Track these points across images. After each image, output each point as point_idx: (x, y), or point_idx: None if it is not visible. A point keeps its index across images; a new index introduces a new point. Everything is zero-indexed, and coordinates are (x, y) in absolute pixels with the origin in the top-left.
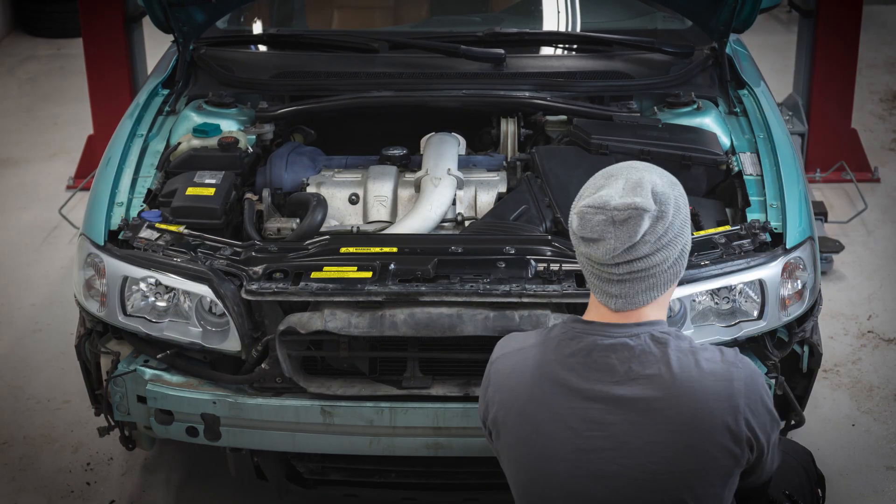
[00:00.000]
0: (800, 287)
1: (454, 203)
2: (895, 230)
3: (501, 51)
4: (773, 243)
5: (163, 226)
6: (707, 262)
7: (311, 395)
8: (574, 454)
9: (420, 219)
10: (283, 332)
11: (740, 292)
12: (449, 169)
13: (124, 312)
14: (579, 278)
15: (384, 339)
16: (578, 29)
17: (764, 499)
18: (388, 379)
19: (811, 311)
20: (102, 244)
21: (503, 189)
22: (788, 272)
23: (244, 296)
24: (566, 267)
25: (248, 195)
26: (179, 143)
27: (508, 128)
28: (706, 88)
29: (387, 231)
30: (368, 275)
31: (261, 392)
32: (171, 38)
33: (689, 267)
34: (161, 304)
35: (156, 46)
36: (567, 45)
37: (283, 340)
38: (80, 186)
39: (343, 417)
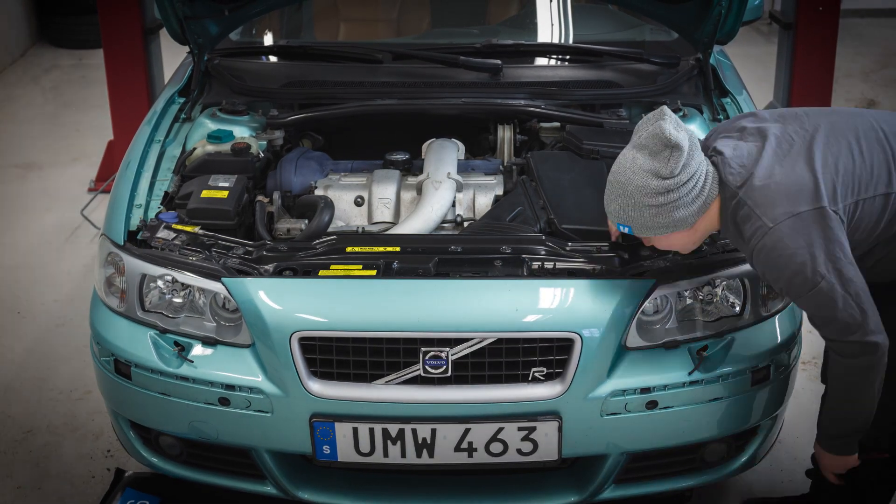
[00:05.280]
0: None
1: (454, 205)
2: None
3: (498, 61)
4: None
5: (179, 226)
6: (692, 261)
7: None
8: None
9: (421, 220)
10: None
11: (723, 289)
12: (449, 173)
13: (143, 308)
14: (570, 275)
15: None
16: (571, 41)
17: None
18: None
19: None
20: (122, 244)
21: (500, 192)
22: None
23: None
24: (559, 265)
25: (260, 198)
26: (195, 149)
27: (505, 134)
28: (691, 97)
29: (390, 231)
30: (373, 273)
31: None
32: (186, 49)
33: (675, 265)
34: (177, 300)
35: (172, 57)
36: (560, 56)
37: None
38: (100, 189)
39: None
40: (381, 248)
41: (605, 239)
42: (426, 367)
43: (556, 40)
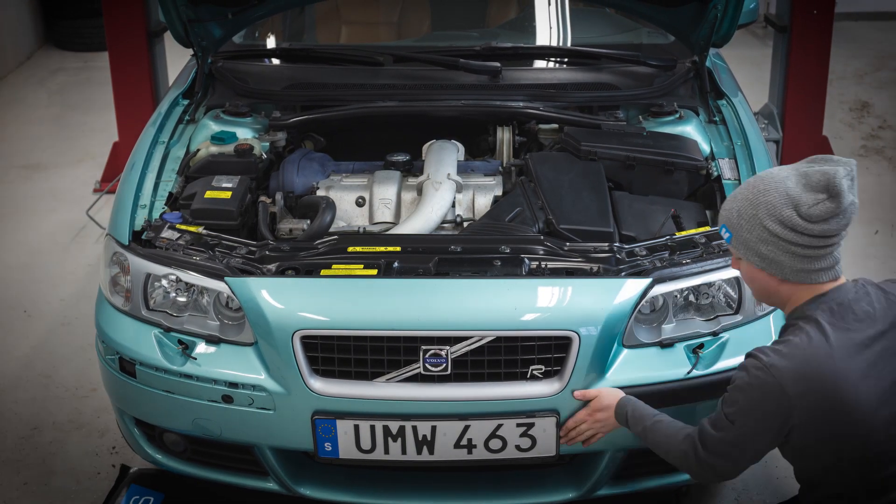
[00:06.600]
0: None
1: (453, 205)
2: (863, 230)
3: (497, 64)
4: None
5: (183, 226)
6: (688, 261)
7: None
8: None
9: (422, 220)
10: None
11: (718, 288)
12: (449, 174)
13: (147, 307)
14: (569, 274)
15: None
16: (569, 43)
17: None
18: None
19: None
20: (127, 244)
21: (499, 192)
22: None
23: None
24: (558, 265)
25: (263, 198)
26: (198, 150)
27: (504, 135)
28: (687, 99)
29: (391, 231)
30: (374, 272)
31: None
32: (190, 52)
33: (672, 265)
34: (181, 299)
35: (177, 60)
36: (558, 59)
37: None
38: (105, 190)
39: None
40: (382, 248)
41: (602, 239)
42: (426, 365)
43: (554, 43)
